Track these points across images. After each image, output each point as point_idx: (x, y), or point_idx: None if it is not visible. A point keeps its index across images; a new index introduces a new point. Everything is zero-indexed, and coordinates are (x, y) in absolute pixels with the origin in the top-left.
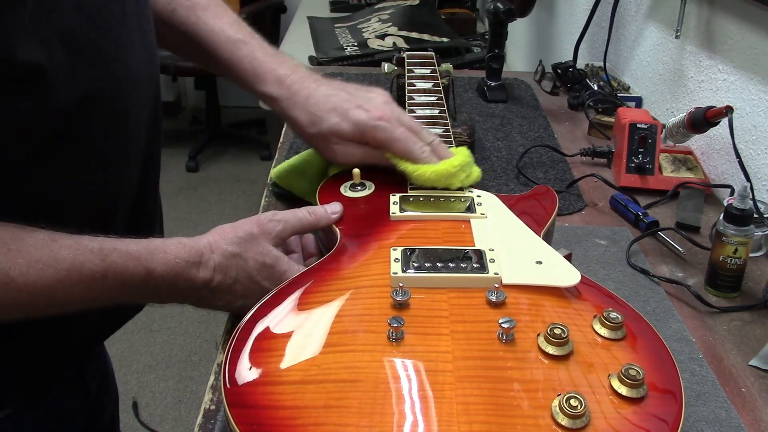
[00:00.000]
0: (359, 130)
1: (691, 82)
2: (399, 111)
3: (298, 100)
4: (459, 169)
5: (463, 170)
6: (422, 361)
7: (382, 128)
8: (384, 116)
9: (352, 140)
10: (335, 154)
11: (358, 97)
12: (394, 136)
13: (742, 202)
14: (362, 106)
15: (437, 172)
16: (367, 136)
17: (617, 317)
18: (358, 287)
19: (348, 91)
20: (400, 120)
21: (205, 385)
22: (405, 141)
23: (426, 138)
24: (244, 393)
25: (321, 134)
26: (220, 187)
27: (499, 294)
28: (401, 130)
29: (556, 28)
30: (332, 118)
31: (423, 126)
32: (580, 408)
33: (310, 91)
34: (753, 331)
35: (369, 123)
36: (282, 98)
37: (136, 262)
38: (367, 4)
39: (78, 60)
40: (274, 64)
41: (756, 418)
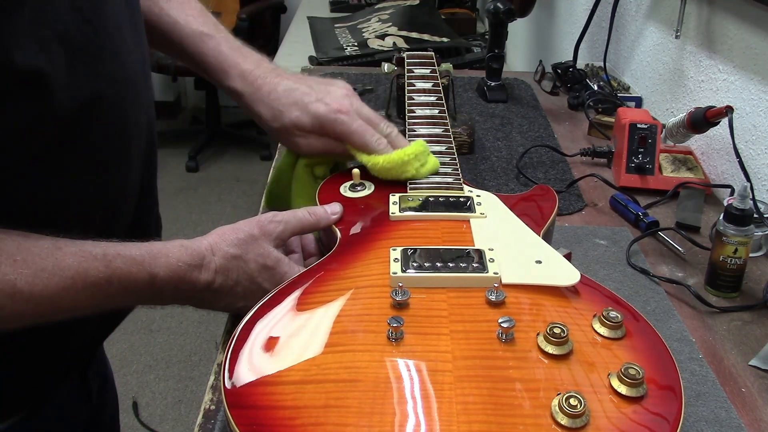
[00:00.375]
0: (319, 123)
1: (691, 82)
2: (358, 104)
3: (260, 95)
4: (412, 157)
5: (417, 159)
6: (422, 361)
7: (341, 121)
8: (342, 109)
9: (312, 132)
10: (299, 147)
11: (319, 90)
12: (351, 129)
13: (742, 202)
14: (322, 100)
15: (390, 161)
16: (326, 128)
17: (617, 316)
18: (358, 287)
19: (309, 84)
20: (359, 112)
21: (205, 385)
22: (362, 133)
23: (383, 130)
24: (244, 393)
25: (283, 128)
26: (220, 187)
27: (498, 293)
28: (359, 122)
29: (556, 28)
30: (293, 112)
31: (382, 118)
32: (579, 407)
33: (272, 86)
34: (753, 331)
35: (328, 116)
36: (245, 93)
37: (139, 267)
38: (367, 4)
39: (77, 62)
40: (239, 59)
41: (756, 418)
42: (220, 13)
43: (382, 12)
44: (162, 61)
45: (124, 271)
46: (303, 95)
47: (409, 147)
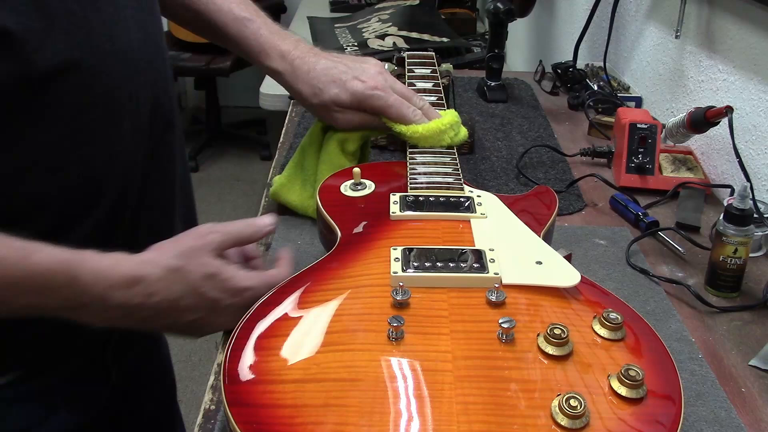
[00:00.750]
0: (357, 99)
1: (691, 82)
2: (392, 79)
3: (300, 74)
4: (448, 127)
5: (452, 128)
6: (422, 361)
7: (378, 97)
8: (378, 86)
9: (350, 108)
10: (337, 121)
11: (355, 68)
12: (388, 103)
13: (742, 202)
14: (358, 77)
15: (429, 128)
16: (364, 104)
17: (617, 318)
18: (358, 286)
19: (345, 63)
20: (393, 88)
21: (205, 385)
22: (398, 107)
23: (417, 103)
24: (244, 391)
25: (323, 104)
26: (220, 187)
27: (499, 294)
28: (394, 97)
29: (556, 28)
30: (332, 90)
31: (415, 93)
32: (579, 408)
33: (311, 65)
34: (753, 331)
35: (365, 92)
36: (286, 72)
37: (60, 265)
38: (367, 4)
39: (53, 27)
40: (278, 41)
41: (756, 418)
42: None
43: (382, 12)
44: None
45: (42, 267)
46: (341, 74)
47: (444, 117)
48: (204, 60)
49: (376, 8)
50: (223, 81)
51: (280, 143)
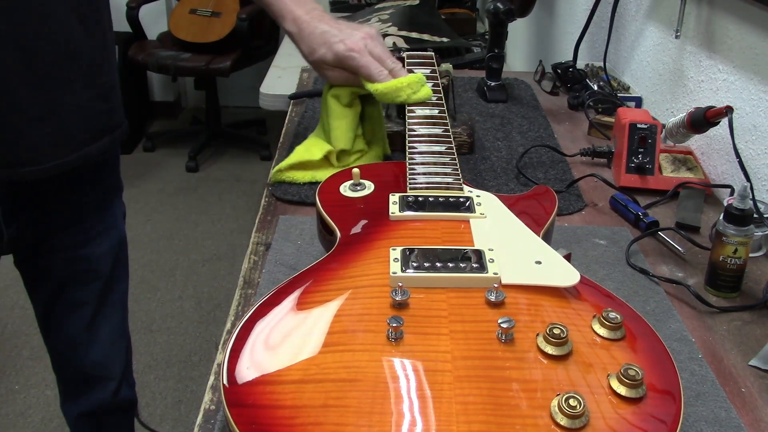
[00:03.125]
0: (337, 58)
1: (691, 82)
2: (372, 45)
3: (303, 36)
4: (405, 85)
5: (410, 87)
6: (421, 361)
7: (352, 57)
8: (355, 47)
9: (335, 66)
10: (327, 77)
11: (344, 33)
12: (359, 63)
13: (742, 202)
14: (343, 41)
15: (387, 86)
16: (342, 63)
17: (616, 317)
18: (358, 287)
19: (340, 28)
20: (371, 51)
21: (205, 385)
22: (367, 66)
23: (388, 65)
24: (244, 392)
25: (315, 62)
26: (220, 187)
27: (498, 294)
28: (367, 59)
29: (556, 28)
30: (322, 50)
31: (390, 55)
32: (579, 408)
33: (312, 29)
34: (753, 331)
35: (344, 53)
36: (294, 34)
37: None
38: (367, 4)
39: None
40: (294, 7)
41: (756, 418)
42: (220, 14)
43: (382, 12)
44: (162, 62)
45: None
46: (331, 37)
47: (403, 78)
48: (204, 60)
49: (376, 8)
50: (223, 81)
51: (280, 143)
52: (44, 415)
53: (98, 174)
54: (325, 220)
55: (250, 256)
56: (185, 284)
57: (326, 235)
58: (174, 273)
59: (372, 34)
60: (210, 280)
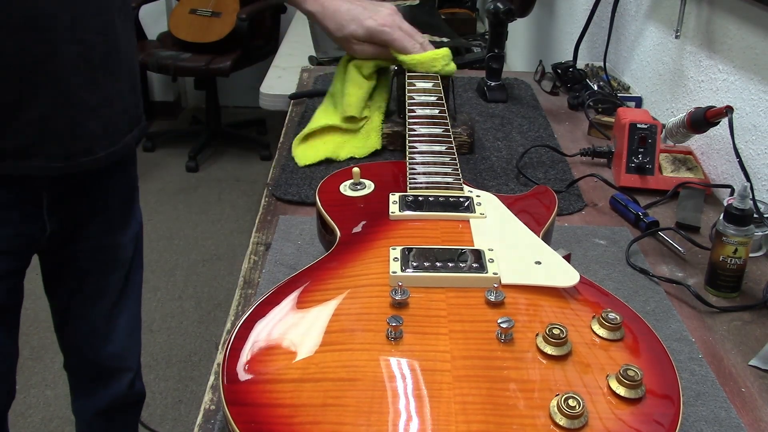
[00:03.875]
0: (369, 33)
1: (691, 82)
2: (399, 20)
3: (327, 14)
4: (440, 56)
5: (443, 59)
6: (420, 361)
7: (386, 32)
8: (387, 23)
9: (365, 41)
10: (355, 51)
11: (371, 9)
12: (393, 37)
13: (742, 202)
14: (372, 17)
15: (424, 56)
16: (375, 38)
17: (616, 318)
18: (357, 286)
19: (364, 5)
20: (400, 27)
21: (205, 385)
22: (401, 40)
23: (418, 39)
24: (243, 391)
25: (344, 37)
26: (220, 187)
27: (497, 294)
28: (399, 33)
29: (556, 28)
30: (351, 26)
31: (417, 31)
32: (578, 408)
33: (336, 7)
34: (753, 331)
35: (376, 28)
36: (317, 13)
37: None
38: None
39: None
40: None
41: (756, 418)
42: (220, 13)
43: None
44: (162, 62)
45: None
46: (359, 13)
47: (439, 50)
48: (204, 60)
49: None
50: (223, 81)
51: (280, 143)
52: (44, 415)
53: (127, 164)
54: (325, 219)
55: (250, 256)
56: (185, 284)
57: (326, 234)
58: (174, 273)
59: (394, 10)
60: (210, 280)
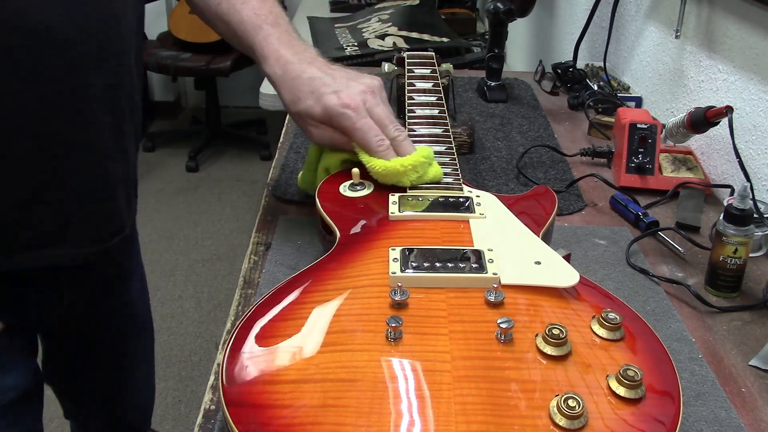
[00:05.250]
0: (327, 114)
1: (691, 82)
2: (373, 102)
3: (286, 80)
4: (409, 168)
5: (414, 170)
6: (420, 361)
7: (347, 116)
8: (351, 105)
9: (323, 123)
10: (311, 135)
11: (339, 83)
12: (355, 126)
13: (742, 202)
14: (337, 92)
15: (386, 167)
16: (333, 121)
17: (615, 318)
18: (357, 287)
19: (334, 76)
20: (371, 111)
21: (205, 385)
22: (365, 132)
23: (390, 133)
24: (242, 392)
25: (298, 114)
26: (220, 187)
27: (497, 294)
28: (364, 121)
29: (556, 28)
30: (308, 101)
31: (394, 120)
32: (578, 408)
33: (299, 73)
34: (753, 331)
35: (335, 109)
36: (275, 77)
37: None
38: (367, 4)
39: None
40: (281, 48)
41: (756, 418)
42: None
43: (382, 12)
44: (162, 62)
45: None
46: (321, 85)
47: (408, 157)
48: (204, 60)
49: (376, 8)
50: (223, 81)
51: (280, 143)
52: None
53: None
54: (324, 220)
55: (250, 256)
56: (185, 284)
57: (326, 235)
58: (174, 273)
59: (374, 87)
60: (210, 280)
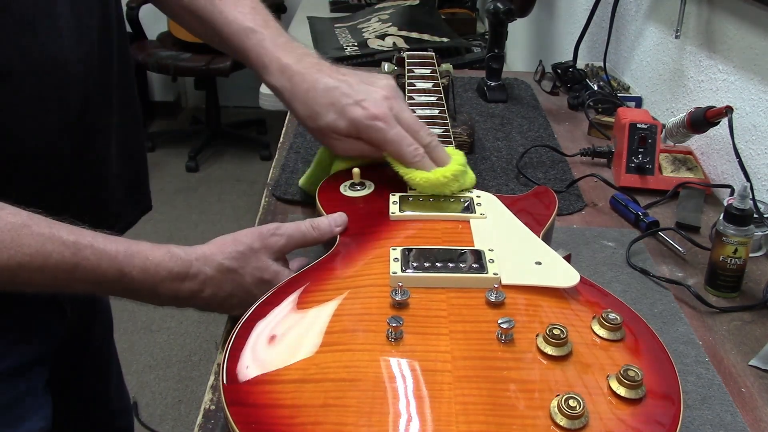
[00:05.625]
0: (355, 128)
1: (691, 82)
2: (399, 108)
3: (298, 93)
4: (451, 179)
5: (456, 180)
6: (421, 361)
7: (377, 129)
8: (379, 115)
9: (349, 137)
10: (335, 149)
11: (359, 91)
12: (387, 138)
13: (742, 202)
14: (360, 103)
15: (428, 180)
16: (362, 134)
17: (616, 318)
18: (358, 287)
19: (350, 83)
20: (398, 118)
21: (205, 385)
22: (398, 143)
23: (423, 139)
24: (243, 391)
25: (319, 129)
26: (220, 187)
27: (498, 294)
28: (396, 130)
29: (556, 28)
30: (330, 115)
31: (423, 125)
32: (578, 409)
33: (311, 84)
34: (753, 331)
35: (364, 122)
36: (284, 90)
37: (110, 262)
38: (367, 4)
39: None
40: (279, 53)
41: (756, 418)
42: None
43: (382, 12)
44: (162, 61)
45: (91, 263)
46: (342, 96)
47: (448, 168)
48: (204, 60)
49: (376, 8)
50: (223, 81)
51: (280, 143)
52: None
53: None
54: None
55: None
56: None
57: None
58: None
59: (392, 88)
60: None
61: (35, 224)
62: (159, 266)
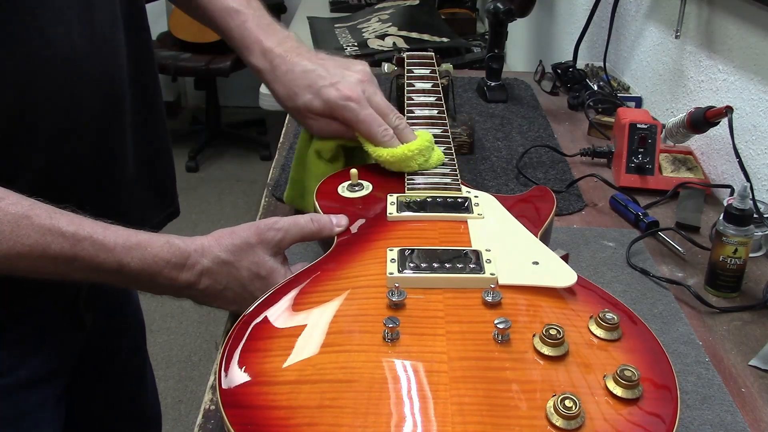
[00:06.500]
0: (329, 107)
1: (691, 82)
2: (371, 90)
3: (278, 74)
4: (416, 153)
5: (421, 154)
6: (417, 362)
7: (350, 108)
8: (353, 96)
9: (323, 116)
10: (311, 128)
11: (335, 74)
12: (359, 118)
13: (742, 202)
14: (335, 85)
15: (393, 155)
16: (335, 114)
17: (613, 318)
18: (354, 287)
19: (326, 67)
20: (370, 100)
21: (205, 385)
22: (369, 123)
23: (392, 121)
24: (239, 393)
25: (296, 109)
26: (220, 187)
27: (495, 294)
28: (367, 111)
29: (556, 28)
30: (306, 95)
31: (394, 108)
32: (574, 409)
33: (290, 66)
34: (753, 331)
35: (338, 102)
36: (265, 71)
37: (108, 253)
38: (367, 4)
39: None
40: (262, 36)
41: (756, 418)
42: None
43: (382, 12)
44: (162, 61)
45: (89, 254)
46: (318, 78)
47: (413, 143)
48: (204, 60)
49: (376, 8)
50: (223, 81)
51: (280, 143)
52: None
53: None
54: None
55: None
56: None
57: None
58: None
59: (366, 73)
60: None
61: (36, 215)
62: (157, 257)
